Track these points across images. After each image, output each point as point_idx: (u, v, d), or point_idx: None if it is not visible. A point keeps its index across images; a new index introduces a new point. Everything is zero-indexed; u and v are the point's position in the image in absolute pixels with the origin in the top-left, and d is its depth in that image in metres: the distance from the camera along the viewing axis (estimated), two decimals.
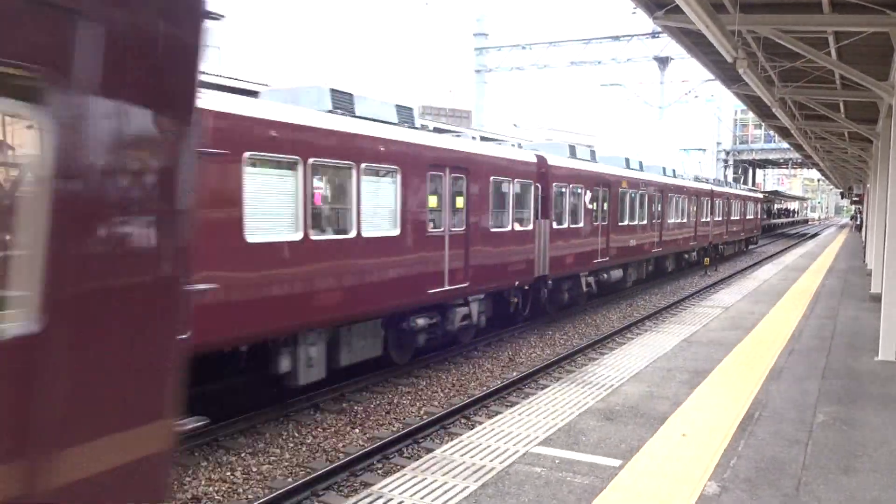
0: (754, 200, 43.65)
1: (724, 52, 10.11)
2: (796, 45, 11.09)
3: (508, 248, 14.40)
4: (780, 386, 8.23)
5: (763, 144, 65.28)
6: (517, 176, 14.71)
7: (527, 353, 14.13)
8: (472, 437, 6.40)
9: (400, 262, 11.01)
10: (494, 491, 5.17)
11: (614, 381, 8.41)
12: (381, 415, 9.99)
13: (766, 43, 11.88)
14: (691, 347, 10.39)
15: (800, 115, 20.01)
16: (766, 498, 5.08)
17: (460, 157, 12.69)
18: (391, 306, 11.08)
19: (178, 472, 7.79)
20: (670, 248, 25.95)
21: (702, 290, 24.05)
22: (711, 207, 31.19)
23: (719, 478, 5.44)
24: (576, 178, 17.48)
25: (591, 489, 5.21)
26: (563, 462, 5.75)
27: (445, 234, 12.19)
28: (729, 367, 9.17)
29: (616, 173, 20.34)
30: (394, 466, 8.16)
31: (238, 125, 8.29)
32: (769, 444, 6.23)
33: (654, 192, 23.46)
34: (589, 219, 18.19)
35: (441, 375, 12.12)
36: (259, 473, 7.88)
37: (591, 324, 17.53)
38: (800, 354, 10.00)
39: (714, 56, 12.90)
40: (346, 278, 9.86)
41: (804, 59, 12.08)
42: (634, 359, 9.62)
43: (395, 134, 11.09)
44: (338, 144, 9.81)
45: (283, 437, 8.93)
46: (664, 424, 6.74)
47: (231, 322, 8.16)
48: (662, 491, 5.18)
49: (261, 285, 8.56)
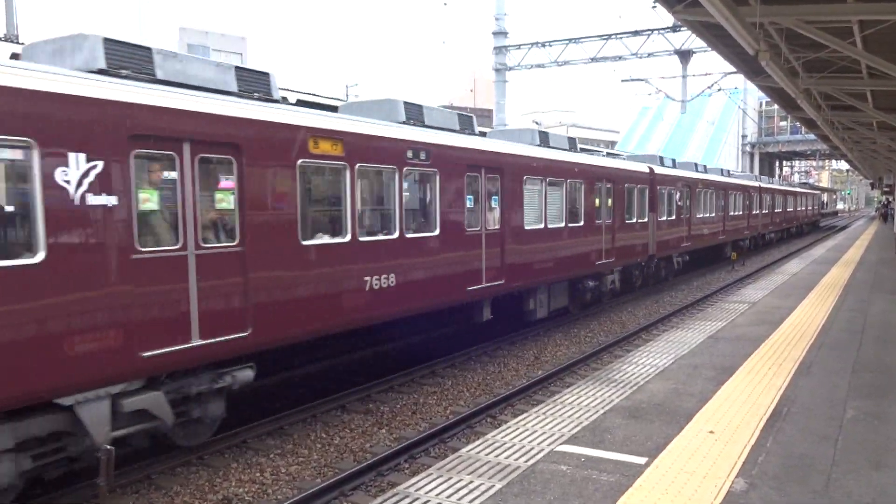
0: (794, 195, 49.48)
1: (746, 45, 10.02)
2: (820, 36, 10.93)
3: (637, 234, 19.72)
4: (809, 381, 8.14)
5: (789, 136, 64.33)
6: (638, 182, 19.72)
7: (552, 351, 14.10)
8: (498, 436, 6.42)
9: (576, 245, 16.01)
10: (520, 489, 5.19)
11: (640, 378, 8.38)
12: (407, 415, 10.04)
13: (789, 34, 11.72)
14: (718, 343, 10.31)
15: (826, 105, 19.71)
16: (795, 494, 5.04)
17: (610, 172, 17.91)
18: (574, 274, 16.16)
19: (208, 473, 7.91)
20: (731, 236, 30.80)
21: (728, 285, 23.80)
22: (760, 202, 36.78)
23: (747, 475, 5.40)
24: (670, 182, 22.51)
25: (618, 487, 5.20)
26: (589, 460, 5.75)
27: (603, 224, 17.39)
28: (756, 362, 9.08)
29: (694, 176, 25.21)
30: (420, 466, 8.21)
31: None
32: (798, 440, 6.17)
33: (718, 191, 28.28)
34: (679, 213, 23.21)
35: (467, 375, 12.15)
36: (288, 474, 7.97)
37: (616, 321, 17.44)
38: (829, 349, 9.87)
39: (736, 48, 12.79)
40: (553, 254, 15.03)
41: (828, 49, 11.90)
42: (660, 356, 9.57)
43: (576, 158, 16.32)
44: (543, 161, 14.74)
45: (311, 438, 9.03)
46: (691, 421, 6.71)
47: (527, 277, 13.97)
48: (689, 488, 5.16)
49: (532, 254, 14.18)
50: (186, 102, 7.47)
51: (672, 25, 27.08)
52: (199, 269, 7.51)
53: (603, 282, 18.00)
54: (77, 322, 6.42)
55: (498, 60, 30.77)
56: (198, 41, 49.72)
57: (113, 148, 6.70)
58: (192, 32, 50.98)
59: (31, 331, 6.08)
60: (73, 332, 6.39)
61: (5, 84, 5.97)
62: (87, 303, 6.50)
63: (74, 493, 7.13)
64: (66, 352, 6.32)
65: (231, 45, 53.92)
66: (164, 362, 7.21)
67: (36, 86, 6.19)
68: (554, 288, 15.58)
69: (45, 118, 6.22)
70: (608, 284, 18.31)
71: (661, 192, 21.41)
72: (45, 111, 6.23)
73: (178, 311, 7.30)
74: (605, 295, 18.50)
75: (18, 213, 6.45)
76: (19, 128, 6.04)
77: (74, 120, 6.44)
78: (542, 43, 30.39)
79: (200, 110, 7.56)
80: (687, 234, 24.09)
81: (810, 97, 17.30)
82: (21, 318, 6.01)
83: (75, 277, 6.36)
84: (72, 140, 6.42)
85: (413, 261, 10.73)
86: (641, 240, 20.01)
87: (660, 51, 28.77)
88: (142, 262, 6.94)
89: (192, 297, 7.44)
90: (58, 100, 6.33)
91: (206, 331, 7.55)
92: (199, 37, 50.60)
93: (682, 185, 23.55)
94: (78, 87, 6.53)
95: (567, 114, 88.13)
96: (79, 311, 6.43)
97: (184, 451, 8.20)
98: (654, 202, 20.89)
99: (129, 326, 6.82)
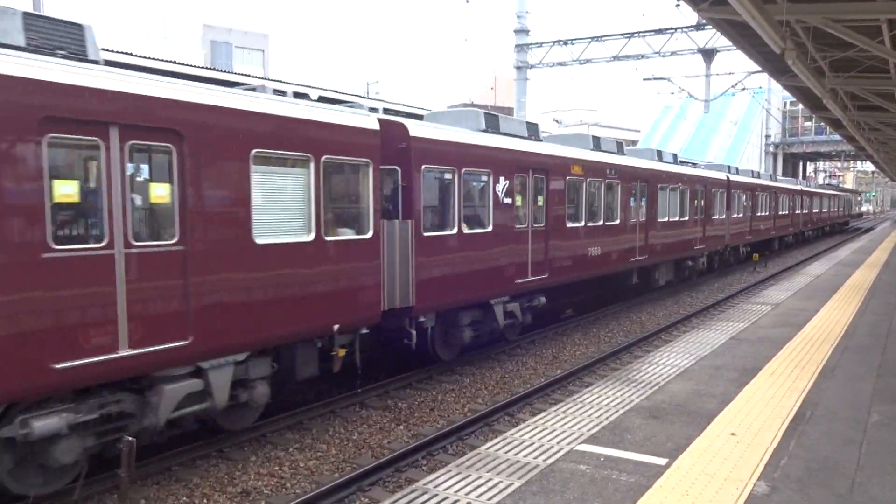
0: (827, 197, 54.40)
1: (772, 43, 9.89)
2: (848, 35, 10.77)
3: (718, 228, 25.03)
4: (833, 384, 8.03)
5: (814, 137, 63.41)
6: (718, 187, 24.87)
7: (570, 350, 14.04)
8: (517, 434, 6.40)
9: (683, 234, 21.17)
10: (539, 488, 5.17)
11: (660, 378, 8.31)
12: (425, 412, 10.05)
13: (816, 32, 11.56)
14: (740, 345, 10.20)
15: (852, 105, 19.43)
16: (819, 498, 4.97)
17: (705, 181, 23.28)
18: (680, 255, 21.46)
19: (227, 466, 7.97)
20: (780, 232, 36.13)
21: (750, 286, 23.56)
22: (802, 202, 42.07)
23: (769, 478, 5.34)
24: (740, 187, 27.69)
25: (637, 487, 5.16)
26: (609, 460, 5.72)
27: (699, 219, 22.60)
28: (779, 364, 8.98)
29: (753, 182, 29.97)
30: (438, 463, 8.21)
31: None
32: (821, 443, 6.09)
33: (770, 194, 33.03)
34: (745, 212, 28.51)
35: (485, 373, 12.13)
36: (306, 468, 8.01)
37: (636, 321, 17.33)
38: (853, 352, 9.73)
39: (761, 47, 12.63)
40: (665, 240, 19.90)
41: (856, 48, 11.73)
42: (681, 356, 9.50)
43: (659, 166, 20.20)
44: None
45: (329, 434, 9.06)
46: (712, 423, 6.64)
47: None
48: (710, 490, 5.11)
49: (660, 238, 19.48)
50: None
51: (696, 24, 26.80)
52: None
53: (697, 262, 23.41)
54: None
55: (519, 58, 30.64)
56: (221, 38, 50.08)
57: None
58: (216, 30, 51.36)
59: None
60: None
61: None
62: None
63: (96, 483, 7.22)
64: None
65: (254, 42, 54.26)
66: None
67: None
68: (668, 265, 20.92)
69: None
70: (699, 265, 23.81)
71: (733, 195, 26.69)
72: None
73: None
74: (696, 272, 23.74)
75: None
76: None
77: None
78: (564, 41, 30.21)
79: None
80: (749, 229, 29.39)
81: (836, 97, 17.06)
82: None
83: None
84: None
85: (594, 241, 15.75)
86: (721, 232, 25.47)
87: (683, 49, 28.47)
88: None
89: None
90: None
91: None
92: (222, 34, 50.97)
93: (746, 189, 28.73)
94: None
95: (589, 112, 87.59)
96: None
97: (204, 445, 8.27)
98: (729, 202, 26.27)
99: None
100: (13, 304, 5.78)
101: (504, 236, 12.37)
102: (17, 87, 5.83)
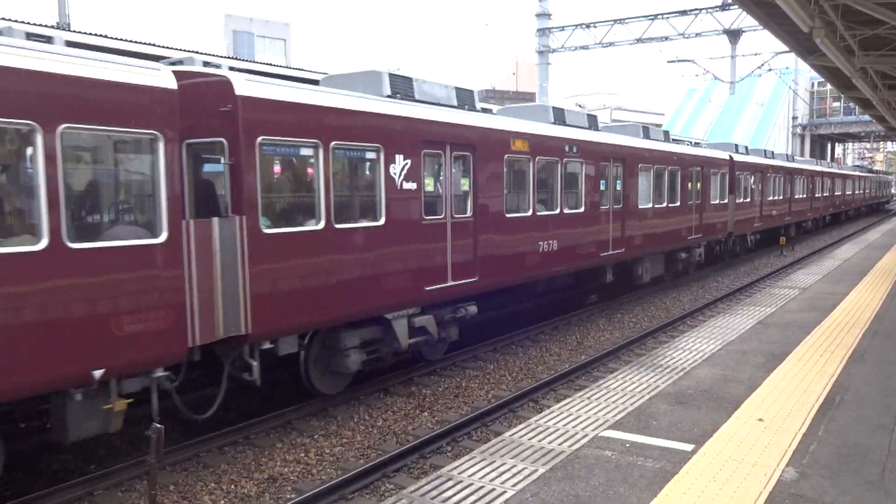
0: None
1: (800, 21, 9.69)
2: (878, 11, 10.51)
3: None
4: (863, 369, 7.91)
5: (842, 118, 62.19)
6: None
7: (595, 336, 13.98)
8: (541, 421, 6.39)
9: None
10: (564, 474, 5.16)
11: (686, 364, 8.24)
12: (449, 398, 10.07)
13: (845, 10, 11.30)
14: (767, 330, 10.08)
15: (882, 84, 19.00)
16: (849, 485, 4.90)
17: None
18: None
19: (254, 452, 8.06)
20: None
21: (777, 270, 23.26)
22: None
23: (798, 463, 5.28)
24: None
25: (663, 473, 5.13)
26: (634, 446, 5.69)
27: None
28: (807, 349, 8.86)
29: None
30: (463, 449, 8.23)
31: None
32: (851, 429, 6.00)
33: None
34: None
35: (508, 359, 12.12)
36: (332, 455, 8.07)
37: (660, 306, 17.20)
38: (884, 336, 9.57)
39: (789, 26, 12.37)
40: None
41: (887, 25, 11.44)
42: (707, 341, 9.41)
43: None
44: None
45: (354, 421, 9.12)
46: (739, 409, 6.58)
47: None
48: (737, 476, 5.06)
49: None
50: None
51: (721, 4, 26.36)
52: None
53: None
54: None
55: (541, 42, 30.37)
56: (243, 27, 50.25)
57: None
58: (237, 19, 51.54)
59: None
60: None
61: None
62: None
63: (126, 469, 7.34)
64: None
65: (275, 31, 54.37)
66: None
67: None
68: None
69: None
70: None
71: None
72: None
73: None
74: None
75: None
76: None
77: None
78: (587, 24, 29.89)
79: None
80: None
81: (866, 76, 16.69)
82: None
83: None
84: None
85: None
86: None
87: (708, 30, 28.04)
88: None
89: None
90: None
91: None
92: (243, 23, 51.14)
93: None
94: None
95: (611, 96, 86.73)
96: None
97: (231, 432, 8.37)
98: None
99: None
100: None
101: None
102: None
